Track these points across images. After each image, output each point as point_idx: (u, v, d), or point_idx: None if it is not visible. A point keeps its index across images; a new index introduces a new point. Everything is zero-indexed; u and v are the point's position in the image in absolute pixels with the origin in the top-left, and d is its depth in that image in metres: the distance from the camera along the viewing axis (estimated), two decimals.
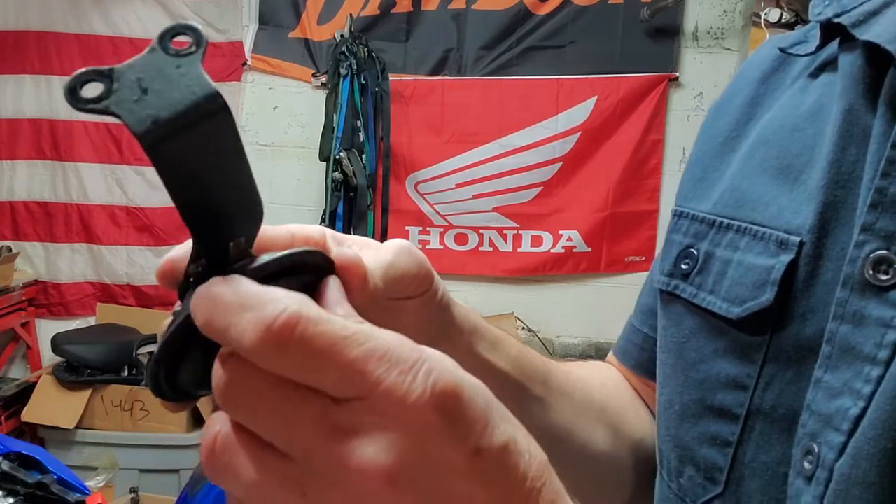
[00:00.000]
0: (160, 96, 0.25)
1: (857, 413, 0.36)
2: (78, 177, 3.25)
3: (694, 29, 3.09)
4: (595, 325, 3.23)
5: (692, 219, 0.49)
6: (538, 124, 3.15)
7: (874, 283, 0.36)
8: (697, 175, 0.51)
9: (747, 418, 0.43)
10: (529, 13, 3.14)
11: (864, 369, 0.36)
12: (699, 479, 0.46)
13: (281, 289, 0.27)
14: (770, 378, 0.42)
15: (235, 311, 0.26)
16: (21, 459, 1.84)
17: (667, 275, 0.50)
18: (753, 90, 0.50)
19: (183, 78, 0.25)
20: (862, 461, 0.35)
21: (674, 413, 0.48)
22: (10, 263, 3.12)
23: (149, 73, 0.26)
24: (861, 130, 0.39)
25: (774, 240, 0.42)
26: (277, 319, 0.25)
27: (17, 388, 3.00)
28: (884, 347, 0.35)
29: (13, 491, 1.76)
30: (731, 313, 0.44)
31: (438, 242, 3.27)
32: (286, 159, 3.27)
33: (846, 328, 0.37)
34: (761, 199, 0.44)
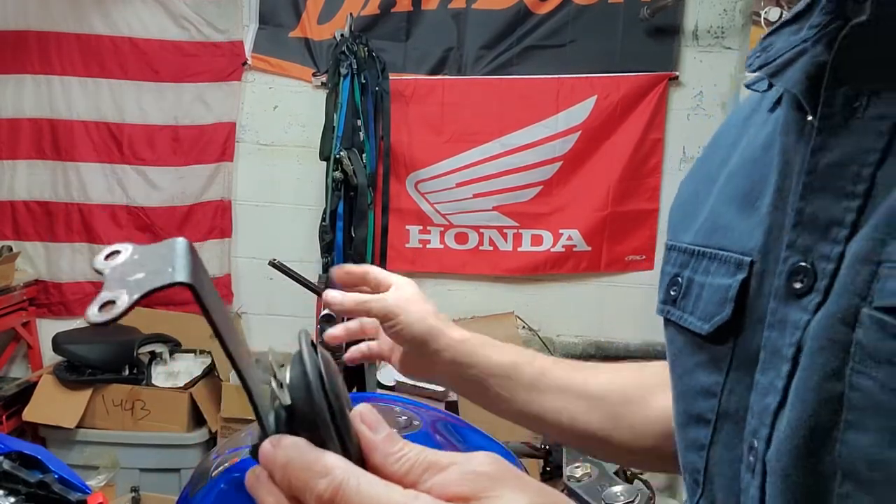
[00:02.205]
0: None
1: (775, 407, 0.41)
2: (78, 176, 3.25)
3: (694, 28, 3.09)
4: (595, 324, 3.23)
5: (678, 251, 0.56)
6: (538, 123, 3.15)
7: (793, 292, 0.41)
8: (683, 210, 0.58)
9: (717, 422, 0.48)
10: (529, 12, 3.14)
11: (780, 368, 0.41)
12: (689, 482, 0.52)
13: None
14: (733, 385, 0.47)
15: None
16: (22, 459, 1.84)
17: (661, 302, 0.56)
18: (736, 131, 0.56)
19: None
20: (783, 455, 0.39)
21: (675, 425, 0.54)
22: (10, 263, 3.12)
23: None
24: (793, 160, 0.45)
25: (733, 262, 0.48)
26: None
27: (18, 388, 3.01)
28: (791, 346, 0.40)
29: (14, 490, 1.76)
30: (702, 329, 0.50)
31: (439, 241, 3.27)
32: (286, 159, 3.27)
33: (774, 334, 0.42)
34: (728, 225, 0.50)
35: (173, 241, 0.34)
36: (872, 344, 0.35)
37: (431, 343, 0.77)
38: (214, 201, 3.29)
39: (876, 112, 0.39)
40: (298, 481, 0.35)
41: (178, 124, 3.24)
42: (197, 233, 3.28)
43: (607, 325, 3.23)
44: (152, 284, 0.32)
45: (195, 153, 3.25)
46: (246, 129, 3.29)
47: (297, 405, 0.37)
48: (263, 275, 3.29)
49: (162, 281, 0.33)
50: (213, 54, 3.22)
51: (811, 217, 0.41)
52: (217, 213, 3.30)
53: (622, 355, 3.17)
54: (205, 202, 3.28)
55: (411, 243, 3.27)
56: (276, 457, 0.36)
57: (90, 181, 3.26)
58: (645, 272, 3.20)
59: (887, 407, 0.34)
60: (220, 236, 3.31)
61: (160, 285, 0.32)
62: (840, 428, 0.37)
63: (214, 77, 3.23)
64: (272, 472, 0.36)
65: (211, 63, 3.22)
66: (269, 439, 0.37)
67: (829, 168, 0.41)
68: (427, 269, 3.25)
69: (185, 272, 0.33)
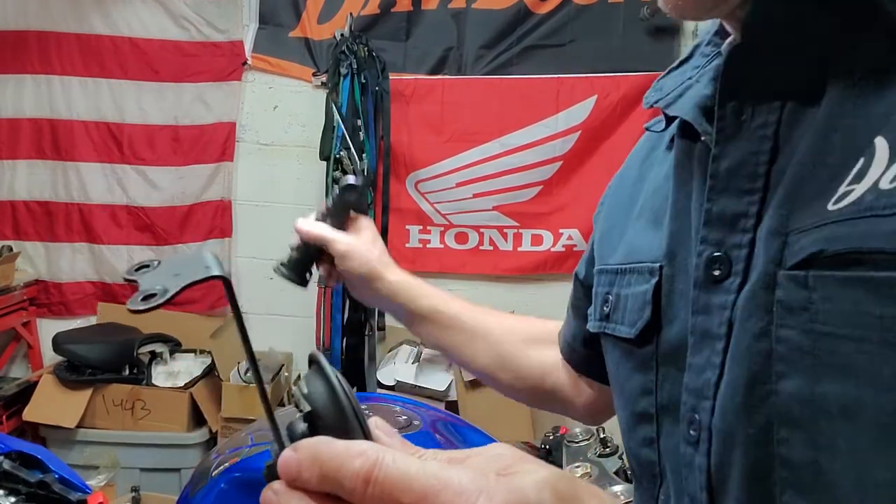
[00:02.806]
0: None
1: (716, 379, 0.46)
2: (78, 176, 3.25)
3: (694, 28, 3.09)
4: None
5: (606, 272, 0.64)
6: (538, 123, 3.15)
7: (712, 279, 0.47)
8: (607, 240, 0.67)
9: (658, 416, 0.54)
10: (529, 12, 3.14)
11: (715, 345, 0.46)
12: (648, 477, 0.56)
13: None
14: (663, 379, 0.53)
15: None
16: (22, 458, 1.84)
17: (597, 319, 0.64)
18: (637, 169, 0.66)
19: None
20: (728, 415, 0.45)
21: (624, 430, 0.59)
22: (10, 263, 3.12)
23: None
24: (688, 177, 0.52)
25: (647, 270, 0.56)
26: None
27: (19, 388, 3.01)
28: (723, 324, 0.46)
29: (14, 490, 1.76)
30: (630, 334, 0.56)
31: (439, 241, 3.27)
32: (286, 158, 3.27)
33: (701, 318, 0.48)
34: (642, 244, 0.58)
35: (200, 251, 0.38)
36: (789, 298, 0.41)
37: (372, 282, 0.93)
38: (214, 201, 3.29)
39: (760, 120, 0.46)
40: (331, 467, 0.34)
41: (178, 124, 3.24)
42: (197, 233, 3.28)
43: None
44: (192, 278, 0.35)
45: (195, 153, 3.25)
46: (246, 128, 3.28)
47: (321, 412, 0.38)
48: (263, 275, 3.29)
49: (201, 275, 0.35)
50: (213, 54, 3.22)
51: (719, 214, 0.47)
52: (217, 212, 3.30)
53: None
54: (205, 202, 3.28)
55: (411, 243, 3.27)
56: (302, 456, 0.35)
57: (90, 181, 3.26)
58: None
59: (807, 350, 0.40)
60: (220, 236, 3.31)
61: (200, 278, 0.35)
62: (772, 380, 0.42)
63: (214, 77, 3.23)
64: (297, 473, 0.35)
65: (211, 63, 3.22)
66: (288, 448, 0.36)
67: (728, 171, 0.47)
68: (427, 269, 3.24)
69: (219, 269, 0.36)
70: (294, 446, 0.36)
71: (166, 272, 0.36)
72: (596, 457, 1.82)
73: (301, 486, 0.35)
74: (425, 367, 3.09)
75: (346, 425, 0.37)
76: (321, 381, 0.39)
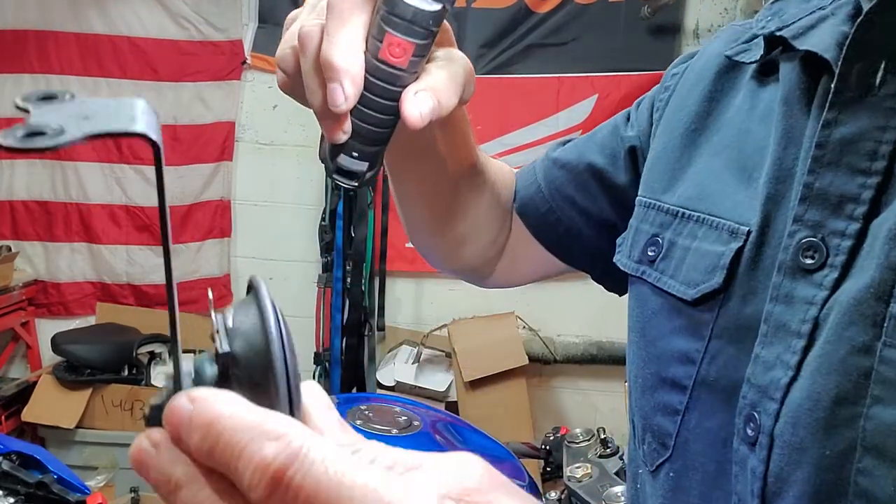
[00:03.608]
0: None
1: (787, 381, 0.41)
2: (77, 176, 3.25)
3: (695, 27, 3.08)
4: (596, 323, 3.22)
5: (658, 210, 0.55)
6: (539, 122, 3.14)
7: (802, 267, 0.41)
8: (661, 168, 0.56)
9: (693, 389, 0.48)
10: (530, 11, 3.13)
11: (791, 343, 0.41)
12: (654, 445, 0.51)
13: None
14: (715, 353, 0.46)
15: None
16: (21, 459, 1.84)
17: (635, 261, 0.56)
18: (710, 85, 0.55)
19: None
20: (800, 429, 0.39)
21: (637, 386, 0.54)
22: (9, 263, 3.11)
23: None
24: (799, 132, 0.44)
25: (727, 229, 0.47)
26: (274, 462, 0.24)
27: (17, 388, 3.00)
28: (806, 322, 0.40)
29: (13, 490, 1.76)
30: (686, 295, 0.49)
31: None
32: (286, 158, 3.27)
33: (779, 308, 0.42)
34: (721, 193, 0.49)
35: (132, 99, 0.28)
36: None
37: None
38: (214, 201, 3.29)
39: (893, 89, 0.38)
40: (230, 444, 0.25)
41: (178, 124, 3.23)
42: (196, 232, 3.27)
43: (608, 325, 3.22)
44: (104, 127, 0.26)
45: (194, 152, 3.24)
46: (245, 128, 3.28)
47: (240, 357, 0.28)
48: (263, 275, 3.26)
49: (117, 127, 0.26)
50: (213, 53, 3.21)
51: (821, 192, 0.41)
52: (216, 212, 3.29)
53: (623, 355, 3.15)
54: (204, 202, 3.28)
55: (411, 243, 3.26)
56: (197, 413, 0.25)
57: (89, 181, 3.25)
58: None
59: None
60: (219, 236, 3.30)
61: (113, 130, 0.26)
62: (866, 403, 0.36)
63: (214, 76, 3.22)
64: (185, 435, 0.26)
65: (210, 62, 3.22)
66: (184, 392, 0.27)
67: (841, 142, 0.40)
68: (427, 269, 3.23)
69: (145, 125, 0.27)
70: (191, 395, 0.26)
71: (76, 112, 0.26)
72: (596, 457, 1.81)
73: (187, 451, 0.26)
74: (425, 367, 3.08)
75: (268, 385, 0.27)
76: (252, 314, 0.29)
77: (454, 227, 0.71)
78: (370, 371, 2.98)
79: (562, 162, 0.70)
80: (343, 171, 0.53)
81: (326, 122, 0.49)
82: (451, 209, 0.69)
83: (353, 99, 0.45)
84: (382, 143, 0.52)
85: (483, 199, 0.70)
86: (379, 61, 0.46)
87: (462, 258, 0.76)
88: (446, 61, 0.51)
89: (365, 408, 2.05)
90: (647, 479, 0.53)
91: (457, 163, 0.65)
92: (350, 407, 2.04)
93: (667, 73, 0.64)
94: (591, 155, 0.67)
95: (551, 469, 2.54)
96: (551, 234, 0.71)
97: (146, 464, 0.27)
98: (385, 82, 0.47)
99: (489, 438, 2.16)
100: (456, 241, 0.73)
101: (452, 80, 0.50)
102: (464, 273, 0.81)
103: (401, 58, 0.46)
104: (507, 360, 2.98)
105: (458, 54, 0.53)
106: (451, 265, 0.79)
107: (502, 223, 0.74)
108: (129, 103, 0.27)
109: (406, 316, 3.28)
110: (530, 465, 2.43)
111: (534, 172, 0.73)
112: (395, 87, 0.48)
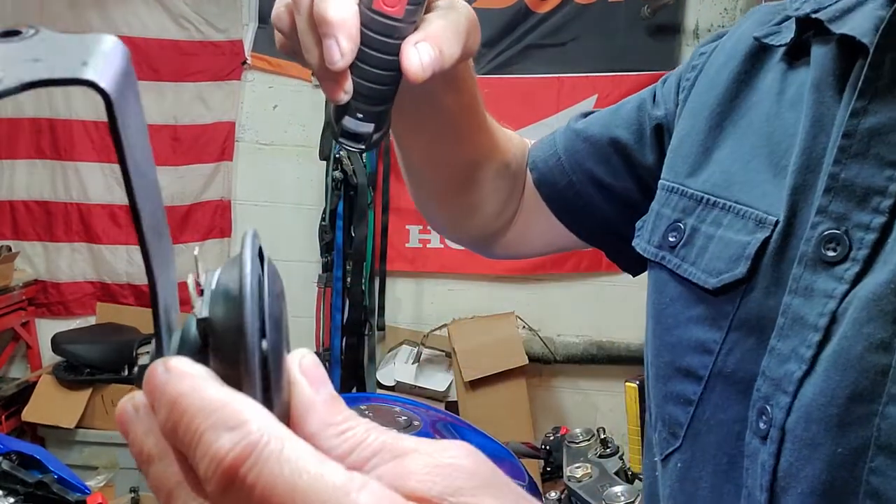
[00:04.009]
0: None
1: (800, 375, 0.40)
2: (78, 176, 3.25)
3: (695, 27, 3.09)
4: (596, 323, 3.23)
5: (681, 195, 0.53)
6: (539, 122, 3.14)
7: (824, 259, 0.40)
8: (686, 151, 0.54)
9: (709, 380, 0.46)
10: (530, 11, 3.13)
11: (808, 336, 0.40)
12: (665, 434, 0.50)
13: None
14: (733, 344, 0.45)
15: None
16: (21, 459, 1.84)
17: (656, 246, 0.54)
18: (739, 66, 0.53)
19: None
20: (812, 424, 0.38)
21: (651, 373, 0.53)
22: (9, 263, 3.11)
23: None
24: (829, 119, 0.42)
25: (754, 218, 0.46)
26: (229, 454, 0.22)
27: (18, 388, 3.00)
28: (823, 316, 0.39)
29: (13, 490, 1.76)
30: (707, 284, 0.47)
31: (439, 241, 3.26)
32: (286, 158, 3.27)
33: (798, 301, 0.41)
34: (748, 181, 0.48)
35: (98, 36, 0.24)
36: None
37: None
38: (214, 201, 3.29)
39: None
40: (189, 430, 0.23)
41: (178, 124, 3.24)
42: (196, 232, 3.27)
43: (608, 325, 3.22)
44: (51, 73, 0.22)
45: (194, 153, 3.25)
46: (245, 128, 3.28)
47: (216, 322, 0.25)
48: None
49: (66, 72, 0.22)
50: (213, 53, 3.21)
51: (846, 183, 0.39)
52: (217, 212, 3.29)
53: (623, 355, 3.16)
54: (204, 202, 3.28)
55: (411, 243, 3.26)
56: (167, 385, 0.24)
57: (89, 181, 3.25)
58: (646, 272, 3.19)
59: None
60: (219, 236, 3.31)
61: (60, 77, 0.22)
62: (882, 401, 0.36)
63: (214, 76, 3.22)
64: (156, 407, 0.24)
65: (210, 62, 3.22)
66: (161, 360, 0.25)
67: (870, 132, 0.39)
68: (427, 269, 3.24)
69: (98, 72, 0.22)
70: (167, 363, 0.24)
71: (29, 54, 0.23)
72: (596, 457, 1.81)
73: (160, 423, 0.24)
74: (425, 367, 3.08)
75: (240, 362, 0.24)
76: (234, 274, 0.25)
77: (462, 194, 0.69)
78: (370, 371, 2.99)
79: (585, 134, 0.67)
80: (348, 134, 0.50)
81: (326, 82, 0.46)
82: (459, 176, 0.67)
83: (349, 54, 0.43)
84: (387, 101, 0.50)
85: (492, 165, 0.67)
86: (374, 12, 0.44)
87: (469, 227, 0.74)
88: (447, 10, 0.48)
89: (365, 407, 2.05)
90: (659, 468, 0.52)
91: (465, 125, 0.62)
92: (350, 407, 2.04)
93: (695, 52, 0.62)
94: (616, 129, 0.65)
95: (551, 469, 2.54)
96: (568, 208, 0.69)
97: (125, 429, 0.25)
98: (382, 35, 0.45)
99: (489, 438, 2.16)
100: (463, 209, 0.71)
101: (454, 28, 0.47)
102: (470, 242, 0.79)
103: (396, 6, 0.44)
104: (507, 360, 2.98)
105: (460, 2, 0.49)
106: (458, 234, 0.77)
107: (511, 192, 0.71)
108: (90, 40, 0.23)
109: (406, 316, 3.28)
110: (530, 465, 2.43)
111: (554, 144, 0.70)
112: (394, 39, 0.45)
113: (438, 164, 0.66)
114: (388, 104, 0.50)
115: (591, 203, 0.67)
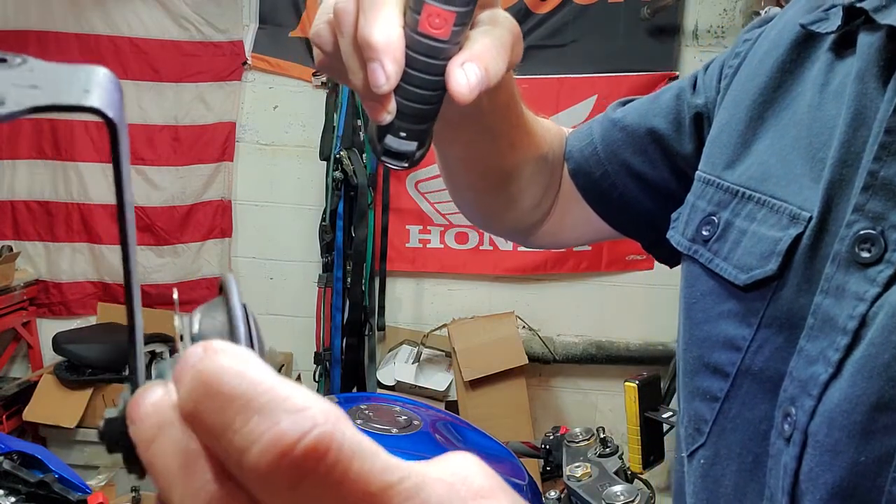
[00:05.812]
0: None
1: (826, 379, 0.38)
2: (79, 176, 3.25)
3: (694, 28, 3.09)
4: (596, 323, 3.23)
5: (717, 187, 0.51)
6: None
7: (857, 260, 0.38)
8: (724, 142, 0.53)
9: (736, 377, 0.46)
10: (529, 12, 3.13)
11: (836, 339, 0.39)
12: (690, 430, 0.50)
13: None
14: (762, 342, 0.44)
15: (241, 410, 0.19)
16: (22, 458, 1.84)
17: (689, 239, 0.53)
18: (784, 55, 0.51)
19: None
20: (835, 430, 0.37)
21: (681, 368, 0.52)
22: (10, 263, 3.12)
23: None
24: (872, 113, 0.40)
25: (788, 213, 0.44)
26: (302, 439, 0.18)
27: (19, 388, 3.00)
28: (853, 318, 0.38)
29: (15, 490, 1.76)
30: (738, 280, 0.46)
31: (439, 241, 3.27)
32: (286, 158, 3.27)
33: (829, 301, 0.40)
34: (785, 175, 0.46)
35: (91, 67, 0.24)
36: None
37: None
38: (214, 201, 3.29)
39: None
40: (223, 410, 0.19)
41: (178, 124, 3.24)
42: (197, 233, 3.28)
43: (608, 325, 3.22)
44: (52, 100, 0.22)
45: (195, 153, 3.25)
46: (246, 128, 3.28)
47: None
48: (263, 275, 3.29)
49: (68, 99, 0.23)
50: (213, 54, 3.22)
51: (885, 182, 0.38)
52: (217, 212, 3.30)
53: (623, 355, 3.17)
54: (205, 202, 3.28)
55: (411, 243, 3.27)
56: (200, 368, 0.20)
57: (90, 181, 3.26)
58: (646, 272, 3.19)
59: None
60: (220, 236, 3.31)
61: (63, 103, 0.23)
62: None
63: (214, 77, 3.23)
64: (177, 387, 0.21)
65: (211, 63, 3.22)
66: (200, 344, 0.22)
67: None
68: (427, 269, 3.24)
69: (101, 100, 0.23)
70: (206, 345, 0.21)
71: (24, 80, 0.23)
72: (596, 457, 1.81)
73: (187, 417, 0.20)
74: (425, 367, 3.09)
75: None
76: (220, 318, 0.25)
77: (499, 189, 0.68)
78: (370, 371, 2.99)
79: (622, 124, 0.66)
80: (391, 153, 0.50)
81: (370, 103, 0.45)
82: (496, 172, 0.66)
83: (394, 78, 0.42)
84: (430, 119, 0.49)
85: (530, 159, 0.66)
86: (419, 35, 0.43)
87: (507, 220, 0.72)
88: (490, 25, 0.46)
89: (365, 407, 2.05)
90: (686, 463, 0.52)
91: (503, 124, 0.61)
92: (350, 406, 2.04)
93: (738, 38, 0.60)
94: (653, 119, 0.64)
95: (551, 468, 2.54)
96: (604, 199, 0.68)
97: (139, 423, 0.23)
98: (428, 56, 0.44)
99: (489, 438, 2.16)
100: (500, 203, 0.70)
101: (499, 45, 0.45)
102: (508, 234, 0.78)
103: (442, 28, 0.43)
104: (507, 359, 2.98)
105: (503, 15, 0.48)
106: (495, 227, 0.76)
107: (548, 184, 0.70)
108: (86, 71, 0.24)
109: (406, 316, 3.29)
110: (530, 465, 2.43)
111: (590, 133, 0.69)
112: (439, 60, 0.44)
113: (476, 162, 0.65)
114: (431, 122, 0.49)
115: (627, 194, 0.66)
